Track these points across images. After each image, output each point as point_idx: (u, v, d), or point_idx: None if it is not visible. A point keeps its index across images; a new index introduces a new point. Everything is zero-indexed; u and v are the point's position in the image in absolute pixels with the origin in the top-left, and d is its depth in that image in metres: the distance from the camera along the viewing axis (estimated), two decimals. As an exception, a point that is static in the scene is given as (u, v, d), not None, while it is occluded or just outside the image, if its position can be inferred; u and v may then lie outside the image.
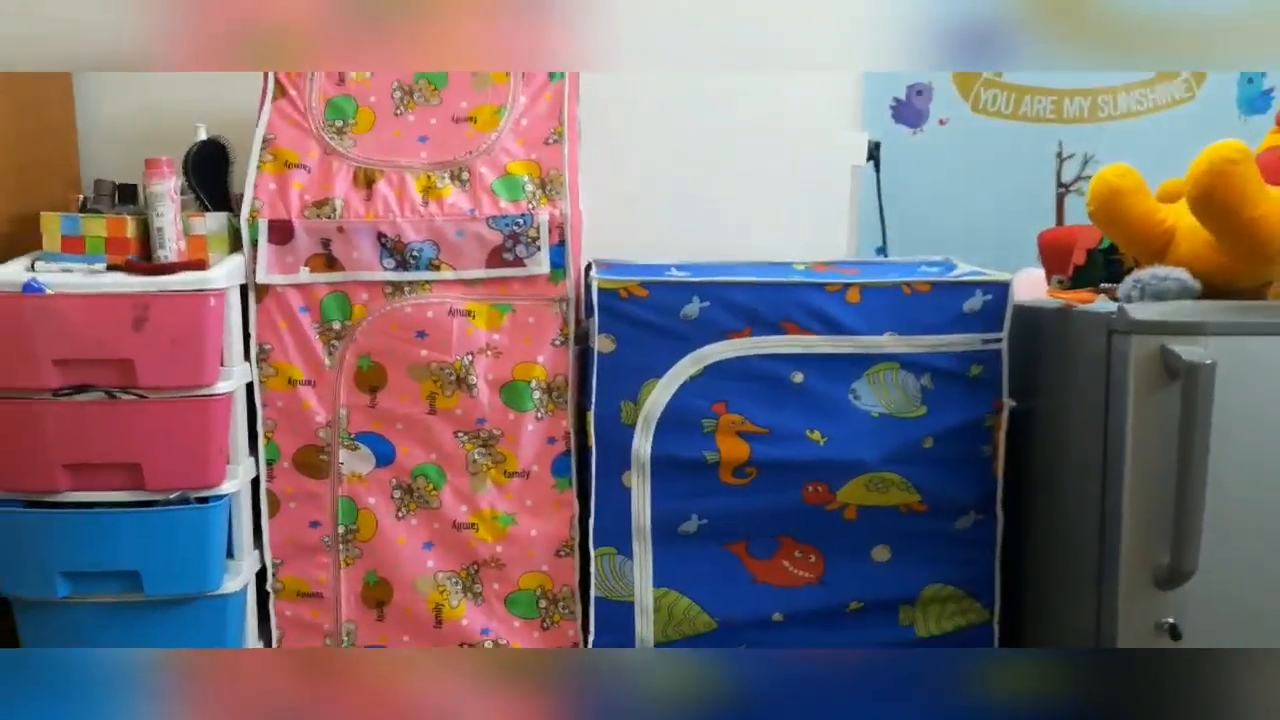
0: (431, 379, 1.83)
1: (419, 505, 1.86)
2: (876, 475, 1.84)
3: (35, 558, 1.66)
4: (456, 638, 1.87)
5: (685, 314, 1.80)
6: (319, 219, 1.79)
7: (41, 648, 1.72)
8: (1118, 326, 1.57)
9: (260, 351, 1.81)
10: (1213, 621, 1.54)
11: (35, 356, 1.63)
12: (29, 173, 1.92)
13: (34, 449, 1.65)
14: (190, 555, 1.68)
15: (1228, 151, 1.53)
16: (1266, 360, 1.54)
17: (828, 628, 1.88)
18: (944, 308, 1.83)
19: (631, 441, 1.84)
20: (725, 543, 1.87)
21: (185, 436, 1.68)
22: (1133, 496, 1.56)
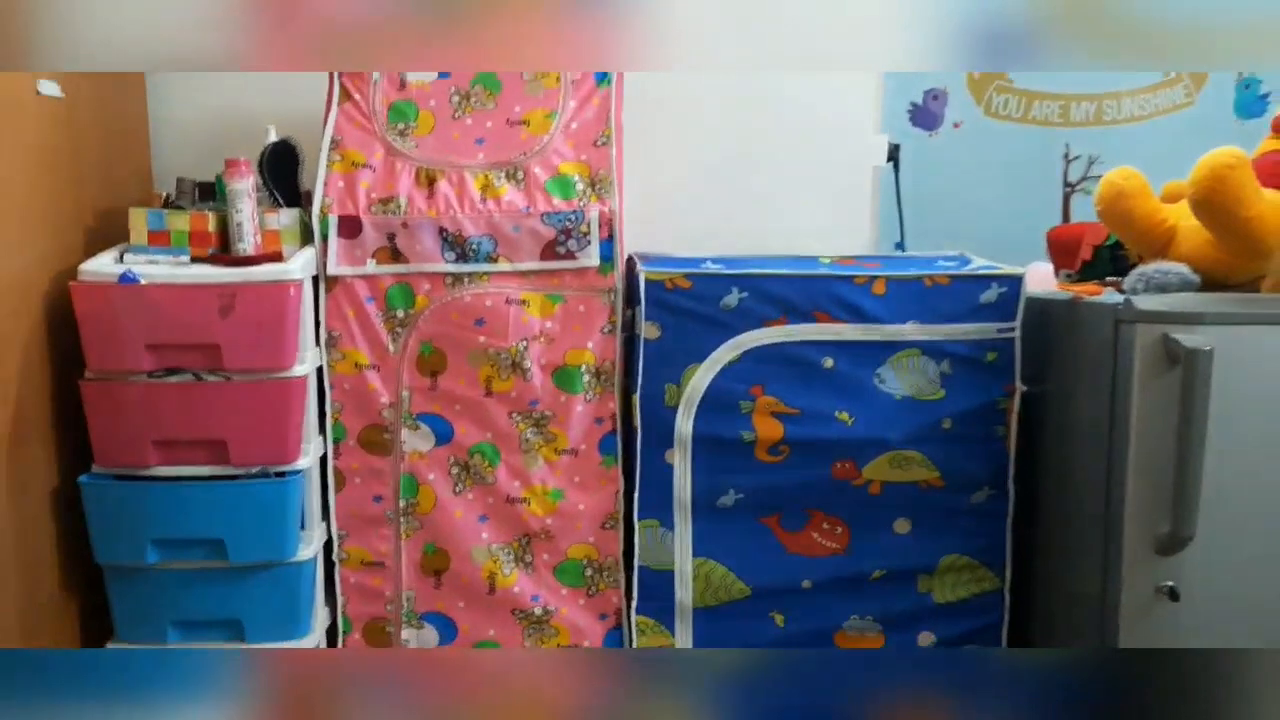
0: (488, 363, 1.97)
1: (475, 481, 2.00)
2: (899, 453, 1.98)
3: (128, 528, 1.80)
4: (508, 604, 2.01)
5: (725, 304, 1.95)
6: (385, 215, 1.93)
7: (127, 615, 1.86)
8: (1124, 316, 1.72)
9: (329, 338, 1.95)
10: (1209, 584, 1.70)
11: (130, 341, 1.77)
12: (108, 171, 2.05)
13: (128, 427, 1.79)
14: (269, 525, 1.83)
15: (1226, 157, 1.68)
16: (1261, 347, 1.68)
17: (852, 595, 2.03)
18: (962, 299, 1.97)
19: (674, 421, 1.98)
20: (759, 515, 2.02)
21: (266, 415, 1.82)
22: (1136, 471, 1.71)
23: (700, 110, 2.32)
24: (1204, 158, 1.70)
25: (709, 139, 2.33)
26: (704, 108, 2.32)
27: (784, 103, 2.34)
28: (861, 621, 2.03)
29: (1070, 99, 2.48)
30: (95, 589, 1.88)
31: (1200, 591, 1.70)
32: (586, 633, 2.03)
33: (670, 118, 2.29)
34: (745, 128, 2.34)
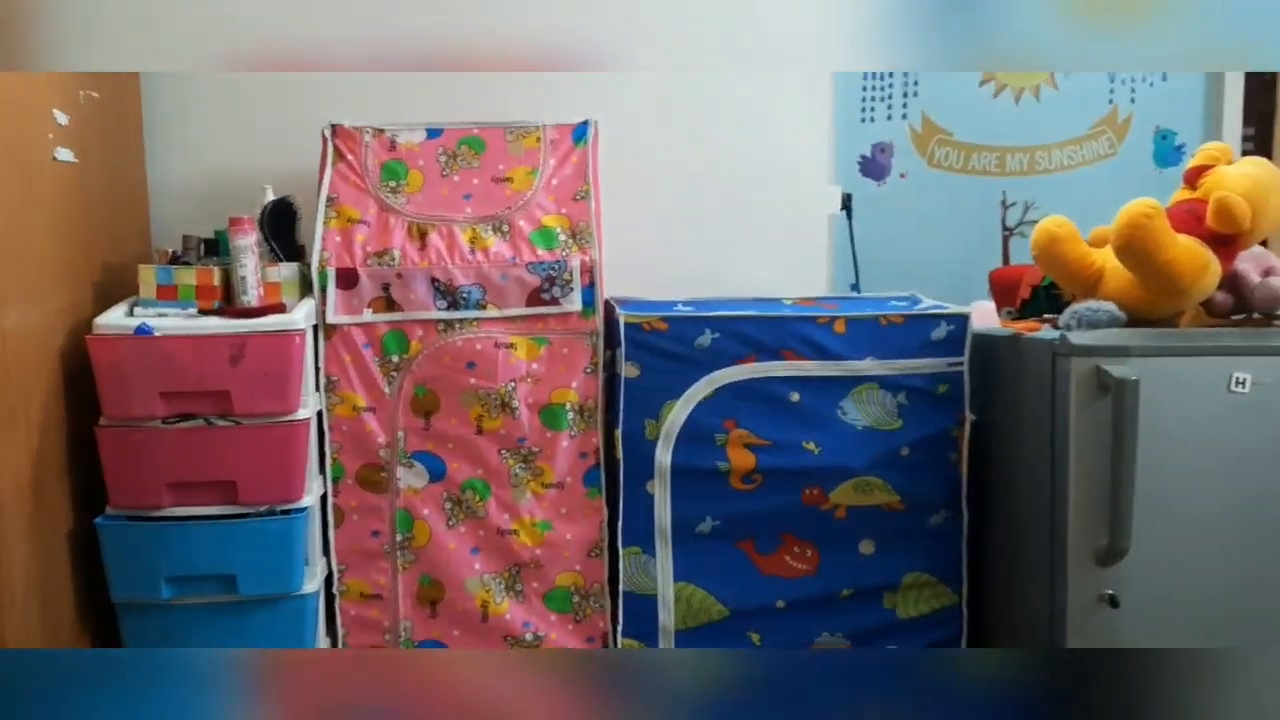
0: (479, 403, 2.10)
1: (467, 515, 2.13)
2: (862, 479, 2.15)
3: (142, 566, 1.90)
4: (501, 631, 2.13)
5: (699, 344, 2.11)
6: (380, 266, 2.07)
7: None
8: (1060, 350, 1.91)
9: (329, 382, 2.07)
10: (1145, 591, 1.87)
11: (144, 390, 1.87)
12: (113, 229, 2.16)
13: (142, 470, 1.89)
14: (278, 560, 1.93)
15: (1143, 208, 1.88)
16: (1181, 376, 1.88)
17: (823, 613, 2.18)
18: (915, 336, 2.15)
19: (654, 454, 2.13)
20: (735, 540, 2.16)
21: (272, 457, 1.93)
22: (1076, 491, 1.89)
23: (670, 165, 2.50)
24: (1124, 208, 1.90)
25: (678, 192, 2.51)
26: (673, 163, 2.50)
27: (746, 157, 2.53)
28: (832, 638, 2.18)
29: (1006, 150, 2.71)
30: (108, 627, 1.96)
31: (1138, 598, 1.88)
32: (575, 656, 2.15)
33: (643, 173, 2.46)
34: (711, 181, 2.52)
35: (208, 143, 2.38)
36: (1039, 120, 2.71)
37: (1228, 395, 1.87)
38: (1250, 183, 1.97)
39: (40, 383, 1.83)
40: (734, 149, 2.53)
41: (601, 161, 2.26)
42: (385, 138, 2.21)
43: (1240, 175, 1.99)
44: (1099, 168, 2.73)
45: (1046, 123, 2.71)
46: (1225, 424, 1.87)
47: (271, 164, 2.30)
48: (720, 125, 2.52)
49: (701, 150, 2.51)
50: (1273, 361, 1.87)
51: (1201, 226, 1.96)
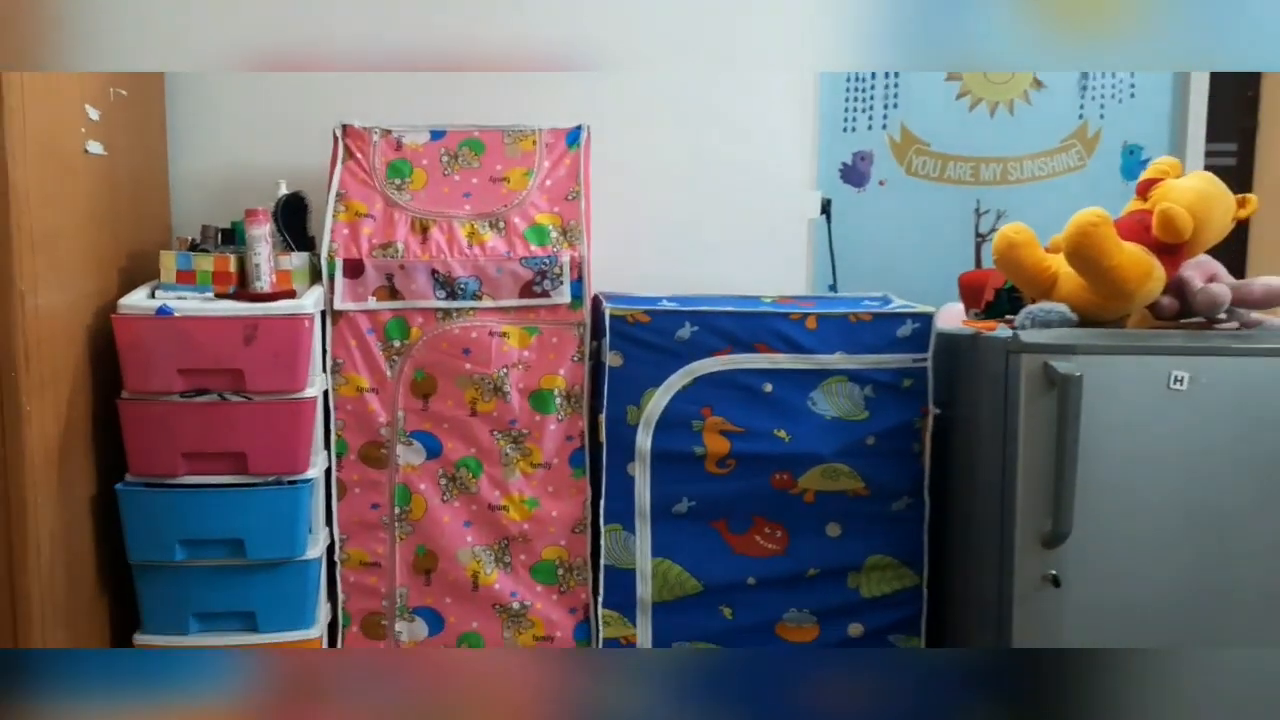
0: (473, 388, 2.25)
1: (461, 491, 2.28)
2: (830, 466, 2.29)
3: (158, 529, 2.05)
4: (490, 600, 2.28)
5: (679, 336, 2.25)
6: (384, 258, 2.22)
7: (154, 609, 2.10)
8: (1013, 347, 2.05)
9: (335, 364, 2.23)
10: (1085, 571, 2.02)
11: (163, 366, 2.03)
12: (136, 218, 2.32)
13: (160, 441, 2.04)
14: (283, 527, 2.08)
15: (1091, 216, 2.03)
16: (1124, 372, 2.02)
17: (791, 590, 2.32)
18: (882, 333, 2.29)
19: (635, 438, 2.27)
20: (709, 520, 2.31)
21: (280, 431, 2.08)
22: (1024, 478, 2.03)
23: (659, 169, 2.64)
24: (1074, 216, 2.05)
25: (665, 194, 2.65)
26: (662, 167, 2.65)
27: (732, 162, 2.67)
28: (799, 614, 2.33)
29: (980, 161, 2.85)
30: (125, 585, 2.12)
31: (1077, 578, 2.02)
32: (558, 625, 2.30)
33: (632, 176, 2.60)
34: (697, 184, 2.67)
35: (226, 139, 2.54)
36: (1012, 133, 2.85)
37: (1167, 392, 2.02)
38: (1195, 195, 2.11)
39: (68, 358, 1.99)
40: (720, 154, 2.67)
41: (593, 164, 2.41)
42: (392, 138, 2.37)
43: (1186, 188, 2.13)
44: (1068, 179, 2.87)
45: (1019, 136, 2.85)
46: (1164, 418, 2.02)
47: (285, 160, 2.45)
48: (708, 132, 2.66)
49: (689, 155, 2.66)
50: (1210, 361, 2.01)
51: (1149, 235, 2.10)
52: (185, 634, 2.09)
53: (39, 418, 1.89)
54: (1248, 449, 2.02)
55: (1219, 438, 2.02)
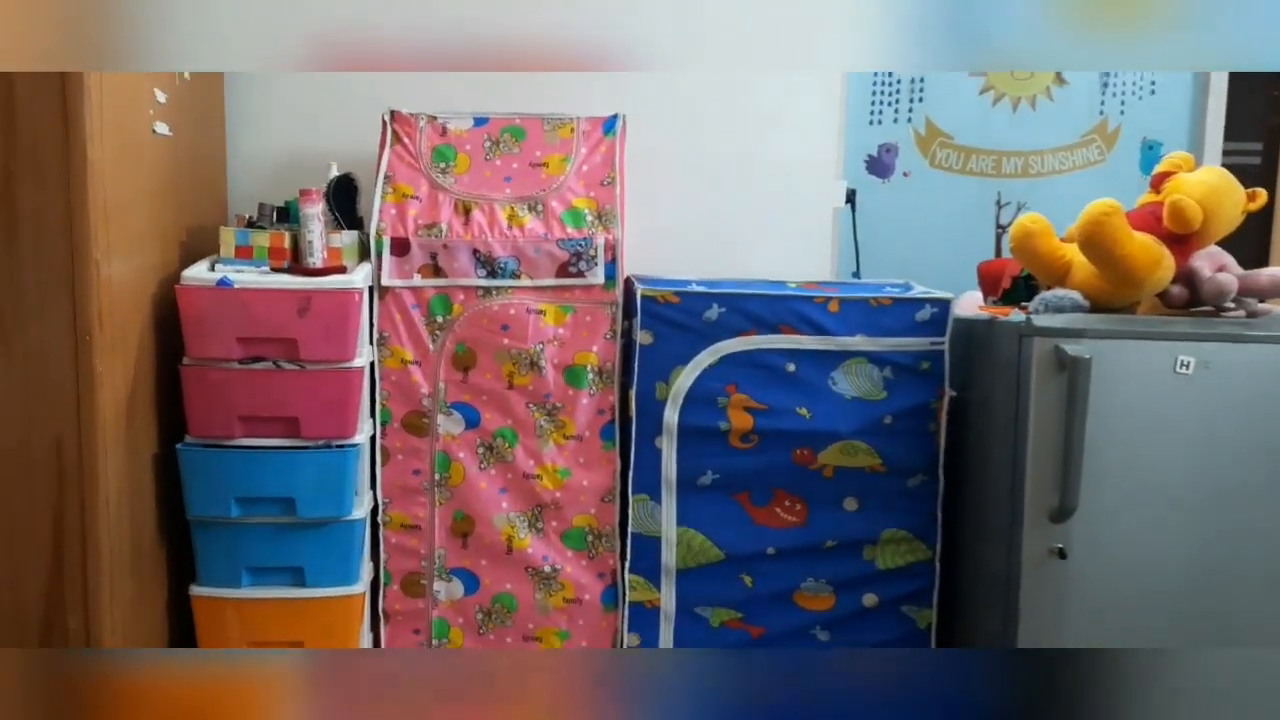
0: (511, 362, 2.38)
1: (497, 460, 2.40)
2: (849, 443, 2.40)
3: (215, 488, 2.19)
4: (523, 563, 2.41)
5: (707, 317, 2.36)
6: (429, 238, 2.35)
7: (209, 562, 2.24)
8: (1026, 331, 2.15)
9: (381, 337, 2.36)
10: (1090, 544, 2.12)
11: (222, 335, 2.16)
12: (196, 196, 2.46)
13: (218, 405, 2.18)
14: (331, 488, 2.21)
15: (1103, 207, 2.12)
16: (1131, 357, 2.11)
17: (808, 561, 2.43)
18: (901, 317, 2.39)
19: (663, 413, 2.39)
20: (732, 493, 2.42)
21: (330, 398, 2.21)
22: (1033, 456, 2.13)
23: (691, 157, 2.75)
24: (1088, 207, 2.14)
25: (697, 183, 2.76)
26: (694, 155, 2.75)
27: (761, 152, 2.77)
28: (816, 583, 2.44)
29: (1002, 154, 2.94)
30: (183, 539, 2.26)
31: (1083, 551, 2.12)
32: (587, 588, 2.42)
33: (664, 165, 2.71)
34: (727, 173, 2.77)
35: (282, 123, 2.67)
36: (1034, 128, 2.93)
37: (1173, 376, 2.11)
38: (1206, 189, 2.20)
39: (135, 325, 2.13)
40: (751, 144, 2.78)
41: (628, 152, 2.52)
42: (437, 124, 2.49)
43: (1197, 182, 2.22)
44: (1088, 174, 2.95)
45: (1041, 130, 2.94)
46: (1169, 401, 2.11)
47: (337, 144, 2.58)
48: (739, 122, 2.77)
49: (720, 144, 2.77)
50: (1215, 347, 2.10)
51: (1160, 226, 2.19)
52: (238, 586, 2.23)
53: (109, 379, 2.03)
54: (1250, 432, 2.11)
55: (1222, 421, 2.11)
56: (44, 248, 1.94)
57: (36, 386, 1.99)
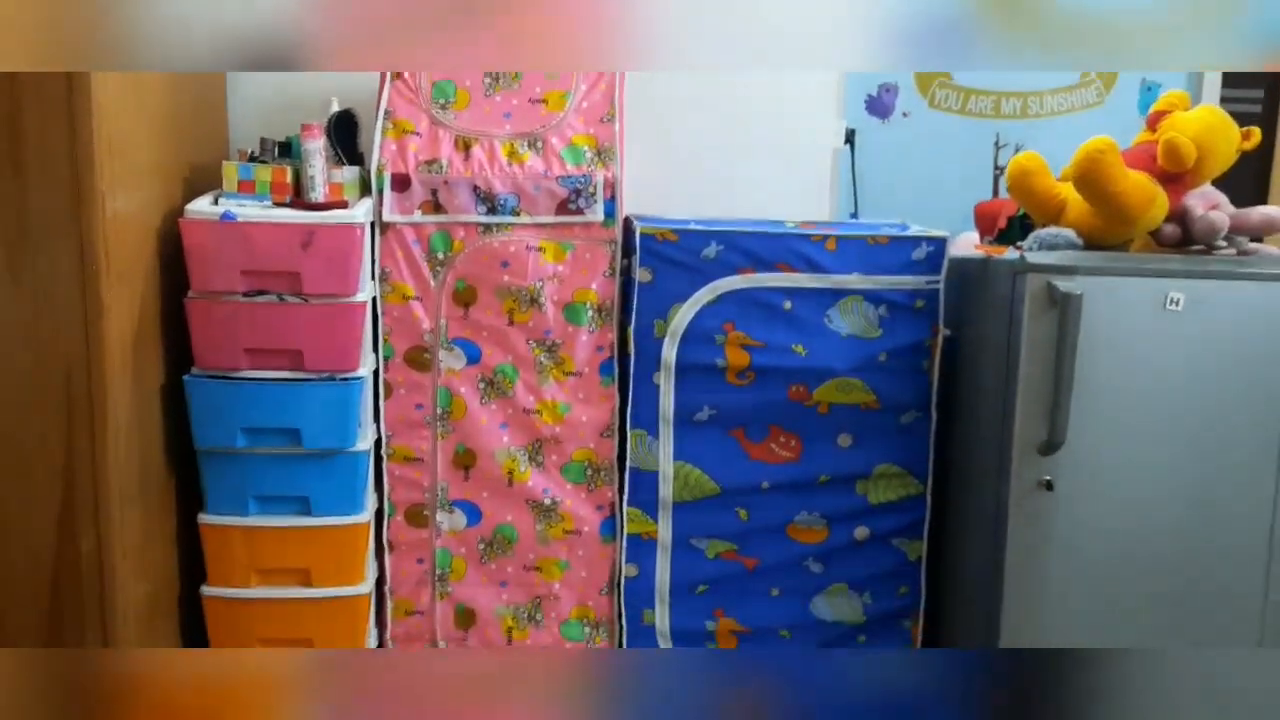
0: (511, 298, 2.41)
1: (498, 395, 2.45)
2: (843, 380, 2.44)
3: (221, 418, 2.23)
4: (523, 495, 2.46)
5: (705, 254, 2.39)
6: (429, 174, 2.36)
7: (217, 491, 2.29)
8: (1019, 269, 2.18)
9: (382, 273, 2.38)
10: (1077, 476, 2.17)
11: (226, 268, 2.19)
12: (197, 131, 2.47)
13: (223, 337, 2.21)
14: (336, 420, 2.26)
15: (1099, 144, 2.14)
16: (1122, 293, 2.14)
17: (803, 495, 2.48)
18: (897, 256, 2.42)
19: (661, 350, 2.42)
20: (728, 429, 2.47)
21: (333, 332, 2.25)
22: (1024, 391, 2.17)
23: (690, 98, 2.75)
24: (1083, 145, 2.16)
25: (696, 122, 2.76)
26: (693, 96, 2.75)
27: (759, 93, 2.77)
28: (810, 516, 2.49)
29: (1001, 95, 2.94)
30: (191, 469, 2.31)
31: (1070, 482, 2.17)
32: (586, 520, 2.48)
33: (665, 104, 2.71)
34: (726, 114, 2.77)
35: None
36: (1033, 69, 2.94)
37: (1163, 312, 2.14)
38: (1201, 127, 2.21)
39: (140, 258, 2.16)
40: (749, 85, 2.77)
41: (628, 90, 2.52)
42: (437, 60, 2.49)
43: (1192, 120, 2.23)
44: (1086, 115, 2.96)
45: (1040, 71, 2.94)
46: (1159, 338, 2.14)
47: (337, 80, 2.57)
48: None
49: (719, 85, 2.76)
50: (1204, 284, 2.13)
51: (1154, 164, 2.21)
52: (245, 515, 2.28)
53: (116, 311, 2.06)
54: (1237, 369, 2.15)
55: (1210, 358, 2.15)
56: (49, 180, 1.97)
57: (45, 318, 2.02)
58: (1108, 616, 2.21)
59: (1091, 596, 2.20)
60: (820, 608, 2.52)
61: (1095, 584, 2.20)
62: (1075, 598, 2.20)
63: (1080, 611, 2.21)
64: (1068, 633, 2.21)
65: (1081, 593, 2.20)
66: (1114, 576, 2.20)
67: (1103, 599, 2.20)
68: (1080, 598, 2.20)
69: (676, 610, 2.51)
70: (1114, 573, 2.19)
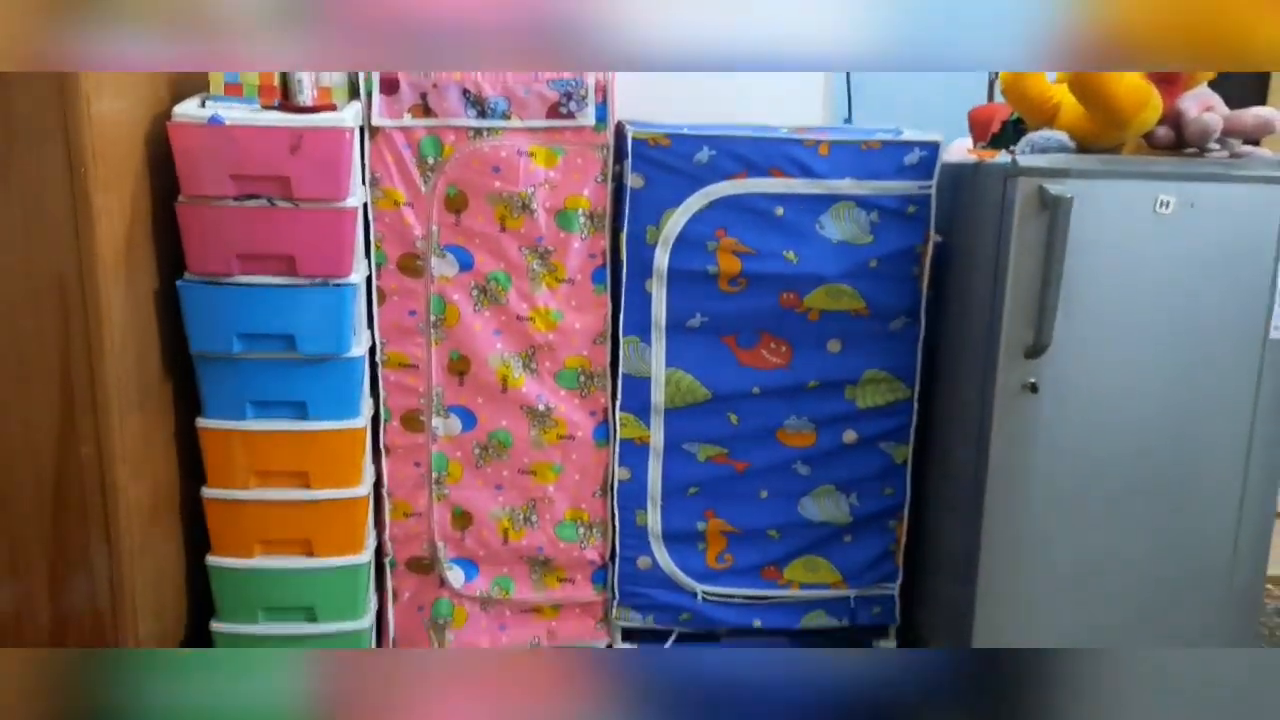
0: (503, 205, 2.40)
1: (491, 302, 2.46)
2: (834, 287, 2.45)
3: (216, 323, 2.24)
4: (518, 401, 2.49)
5: (698, 160, 2.38)
6: (418, 77, 2.33)
7: (214, 396, 2.31)
8: (1011, 172, 2.18)
9: (373, 178, 2.37)
10: (1061, 380, 2.20)
11: (216, 172, 2.18)
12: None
13: (215, 241, 2.21)
14: (330, 325, 2.27)
15: (1094, 45, 2.12)
16: (1114, 196, 2.15)
17: (792, 400, 2.52)
18: (890, 160, 2.41)
19: (653, 257, 2.43)
20: (720, 335, 2.49)
21: (325, 237, 2.24)
22: (1013, 295, 2.19)
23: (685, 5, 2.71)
24: (1079, 45, 2.13)
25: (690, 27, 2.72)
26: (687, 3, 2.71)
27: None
28: (799, 420, 2.53)
29: None
30: (188, 374, 2.33)
31: (1054, 386, 2.21)
32: (579, 426, 2.52)
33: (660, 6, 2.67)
34: (721, 16, 2.72)
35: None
36: None
37: (1153, 216, 2.15)
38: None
39: (129, 162, 2.14)
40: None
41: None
42: (424, -40, 2.44)
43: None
44: (1085, 19, 2.91)
45: None
46: (1146, 241, 2.16)
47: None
48: (731, -38, 2.71)
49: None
50: (1195, 187, 2.14)
51: (1150, 66, 2.19)
52: (243, 419, 2.31)
53: (107, 215, 2.05)
54: (1225, 272, 2.17)
55: (1198, 261, 2.17)
56: (34, 80, 1.94)
57: (36, 223, 2.02)
58: (1089, 517, 2.27)
59: (1073, 497, 2.26)
60: (808, 508, 2.58)
61: (1077, 485, 2.25)
62: (1057, 498, 2.26)
63: (1062, 512, 2.26)
64: (1049, 534, 2.27)
65: (1064, 493, 2.26)
66: (1095, 476, 2.26)
67: (1084, 499, 2.26)
68: (1062, 498, 2.26)
69: (668, 512, 2.56)
70: (1095, 473, 2.24)
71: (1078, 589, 2.29)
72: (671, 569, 2.58)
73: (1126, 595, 2.30)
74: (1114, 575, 2.29)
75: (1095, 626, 2.31)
